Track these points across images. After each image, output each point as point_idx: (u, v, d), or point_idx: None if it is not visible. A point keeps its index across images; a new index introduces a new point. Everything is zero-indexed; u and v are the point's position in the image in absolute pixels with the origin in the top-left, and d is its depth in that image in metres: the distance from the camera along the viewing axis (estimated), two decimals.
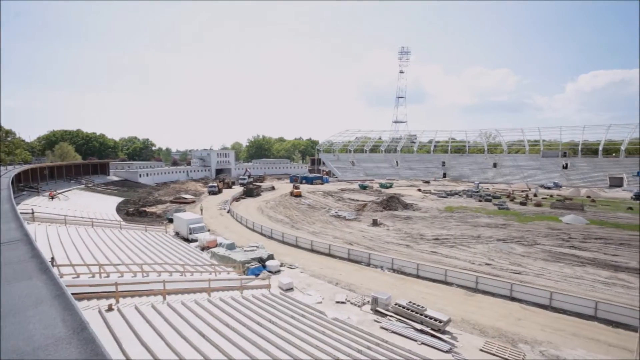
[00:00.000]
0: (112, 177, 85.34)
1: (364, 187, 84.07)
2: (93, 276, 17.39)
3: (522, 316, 20.10)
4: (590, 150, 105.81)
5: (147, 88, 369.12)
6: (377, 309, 20.12)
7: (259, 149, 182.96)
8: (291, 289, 23.57)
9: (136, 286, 17.10)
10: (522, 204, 60.51)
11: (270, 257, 29.10)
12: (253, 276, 25.12)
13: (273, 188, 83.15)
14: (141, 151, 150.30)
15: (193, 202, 64.37)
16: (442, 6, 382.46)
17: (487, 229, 40.97)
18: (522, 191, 78.01)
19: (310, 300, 21.63)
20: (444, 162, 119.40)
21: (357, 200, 63.32)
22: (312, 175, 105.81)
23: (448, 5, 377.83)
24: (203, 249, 32.24)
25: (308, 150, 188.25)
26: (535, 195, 71.91)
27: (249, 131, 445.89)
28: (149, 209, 55.19)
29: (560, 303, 20.66)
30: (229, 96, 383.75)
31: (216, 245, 32.23)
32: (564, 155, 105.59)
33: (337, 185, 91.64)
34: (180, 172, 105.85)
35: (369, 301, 21.04)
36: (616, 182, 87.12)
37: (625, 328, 18.16)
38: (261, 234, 39.83)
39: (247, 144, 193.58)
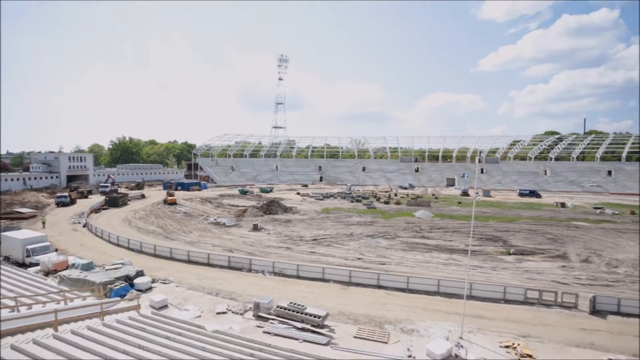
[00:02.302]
0: None
1: (244, 192, 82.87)
2: None
3: (387, 301, 23.06)
4: (433, 157, 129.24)
5: None
6: (260, 314, 20.14)
7: (126, 153, 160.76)
8: (165, 307, 21.50)
9: None
10: (385, 203, 69.53)
11: (140, 273, 25.92)
12: (118, 298, 21.91)
13: (143, 196, 74.27)
14: None
15: (33, 216, 52.22)
16: (324, 21, 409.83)
17: (358, 227, 45.56)
18: (386, 192, 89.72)
19: (187, 315, 20.15)
20: (320, 167, 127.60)
21: (237, 206, 62.03)
22: (189, 181, 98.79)
23: (329, 21, 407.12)
24: (48, 273, 26.51)
25: (184, 155, 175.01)
26: (395, 195, 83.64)
27: (112, 132, 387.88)
28: None
29: (414, 285, 24.56)
30: (84, 92, 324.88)
31: (67, 267, 26.93)
32: (416, 160, 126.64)
33: (216, 191, 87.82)
34: (13, 179, 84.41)
35: (251, 307, 20.87)
36: (451, 182, 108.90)
37: (457, 298, 22.67)
38: (128, 248, 35.09)
39: (110, 146, 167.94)
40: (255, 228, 43.65)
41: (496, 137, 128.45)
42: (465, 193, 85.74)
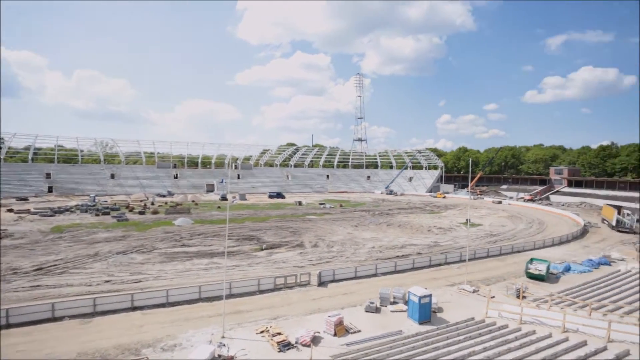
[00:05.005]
0: None
1: None
2: None
3: (143, 322, 20.86)
4: (193, 163, 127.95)
5: None
6: None
7: None
8: None
9: None
10: (141, 213, 62.55)
11: None
12: None
13: None
14: None
15: None
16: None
17: (105, 244, 38.73)
18: (141, 201, 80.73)
19: None
20: (49, 174, 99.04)
21: None
22: None
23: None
24: None
25: None
26: (152, 203, 76.71)
27: None
28: None
29: (174, 297, 23.50)
30: None
31: None
32: (175, 166, 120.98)
33: None
34: None
35: None
36: (210, 188, 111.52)
37: (219, 299, 23.51)
38: None
39: None
40: None
41: (250, 146, 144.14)
42: (224, 198, 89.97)
